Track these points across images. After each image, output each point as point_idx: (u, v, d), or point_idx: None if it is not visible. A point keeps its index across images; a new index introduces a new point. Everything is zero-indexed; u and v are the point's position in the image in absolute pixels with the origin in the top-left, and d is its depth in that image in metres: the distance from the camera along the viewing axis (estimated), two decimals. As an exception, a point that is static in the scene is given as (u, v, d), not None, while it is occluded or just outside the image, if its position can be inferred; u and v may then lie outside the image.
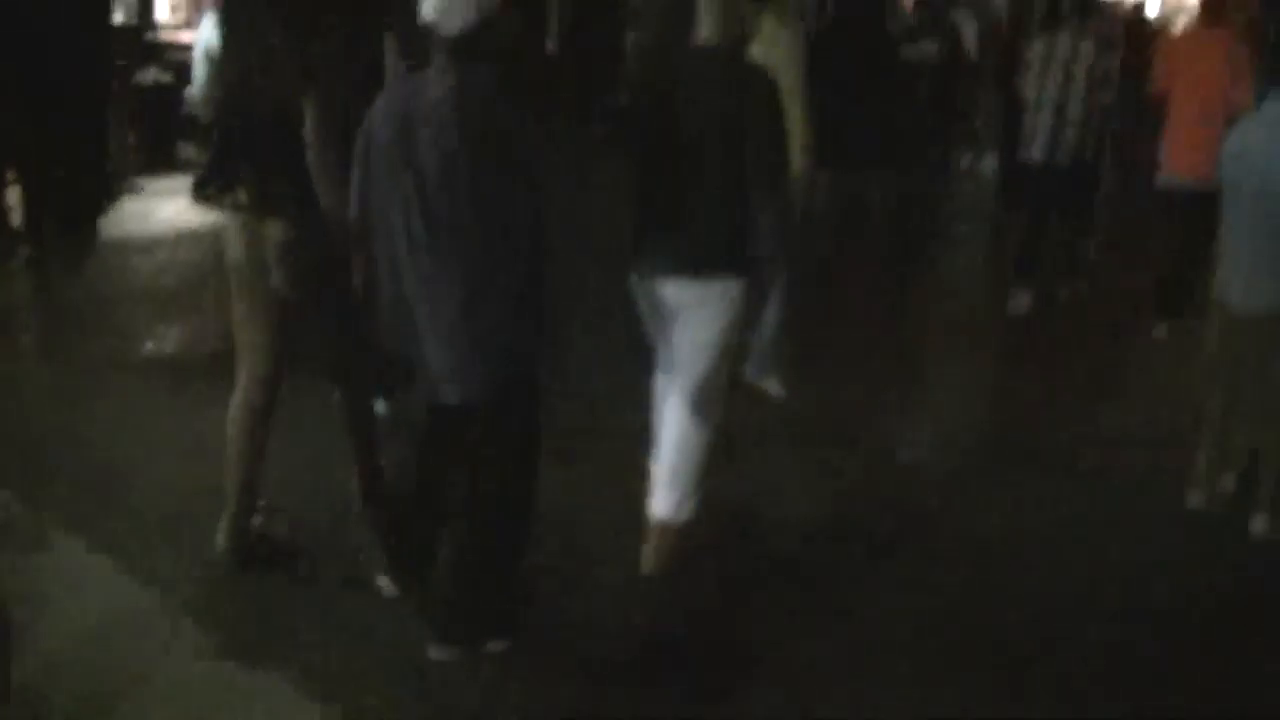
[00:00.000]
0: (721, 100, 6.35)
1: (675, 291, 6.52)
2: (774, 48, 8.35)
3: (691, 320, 6.54)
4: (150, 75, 16.56)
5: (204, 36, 15.37)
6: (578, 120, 15.95)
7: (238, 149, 6.27)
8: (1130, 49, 13.76)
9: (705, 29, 6.51)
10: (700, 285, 6.47)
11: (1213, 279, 8.10)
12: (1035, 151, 12.22)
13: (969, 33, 16.54)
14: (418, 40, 5.54)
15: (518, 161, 5.43)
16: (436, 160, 5.38)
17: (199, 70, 15.38)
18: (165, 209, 15.33)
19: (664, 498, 6.79)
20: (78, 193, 12.98)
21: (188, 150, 17.32)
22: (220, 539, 6.69)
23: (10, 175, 12.95)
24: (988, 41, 17.52)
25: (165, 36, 18.56)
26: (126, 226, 14.40)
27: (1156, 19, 22.64)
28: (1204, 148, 10.40)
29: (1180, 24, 20.57)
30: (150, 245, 13.98)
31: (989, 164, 16.54)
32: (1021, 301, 12.54)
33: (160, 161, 16.69)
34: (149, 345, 10.47)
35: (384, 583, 6.43)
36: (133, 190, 15.92)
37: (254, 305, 6.45)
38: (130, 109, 14.63)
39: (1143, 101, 12.42)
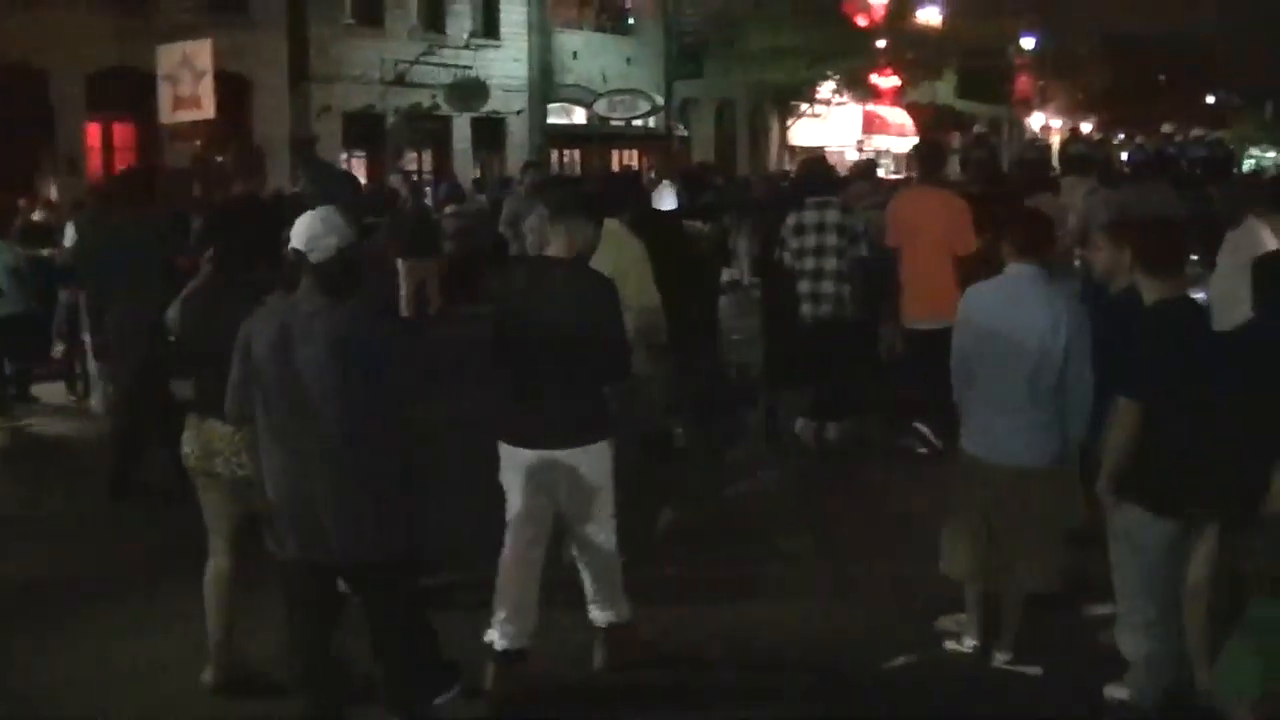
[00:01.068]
0: (574, 302, 7.65)
1: (552, 457, 7.74)
2: (622, 253, 9.30)
3: (578, 477, 7.80)
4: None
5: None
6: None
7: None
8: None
9: (555, 246, 7.95)
10: (574, 451, 7.74)
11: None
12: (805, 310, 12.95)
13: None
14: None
15: (377, 368, 6.34)
16: (308, 366, 6.25)
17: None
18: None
19: (604, 608, 8.10)
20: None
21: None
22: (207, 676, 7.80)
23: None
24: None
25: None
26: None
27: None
28: (939, 293, 11.44)
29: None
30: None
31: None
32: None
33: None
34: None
35: None
36: None
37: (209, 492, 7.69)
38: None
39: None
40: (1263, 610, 5.70)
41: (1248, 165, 68.37)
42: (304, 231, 6.41)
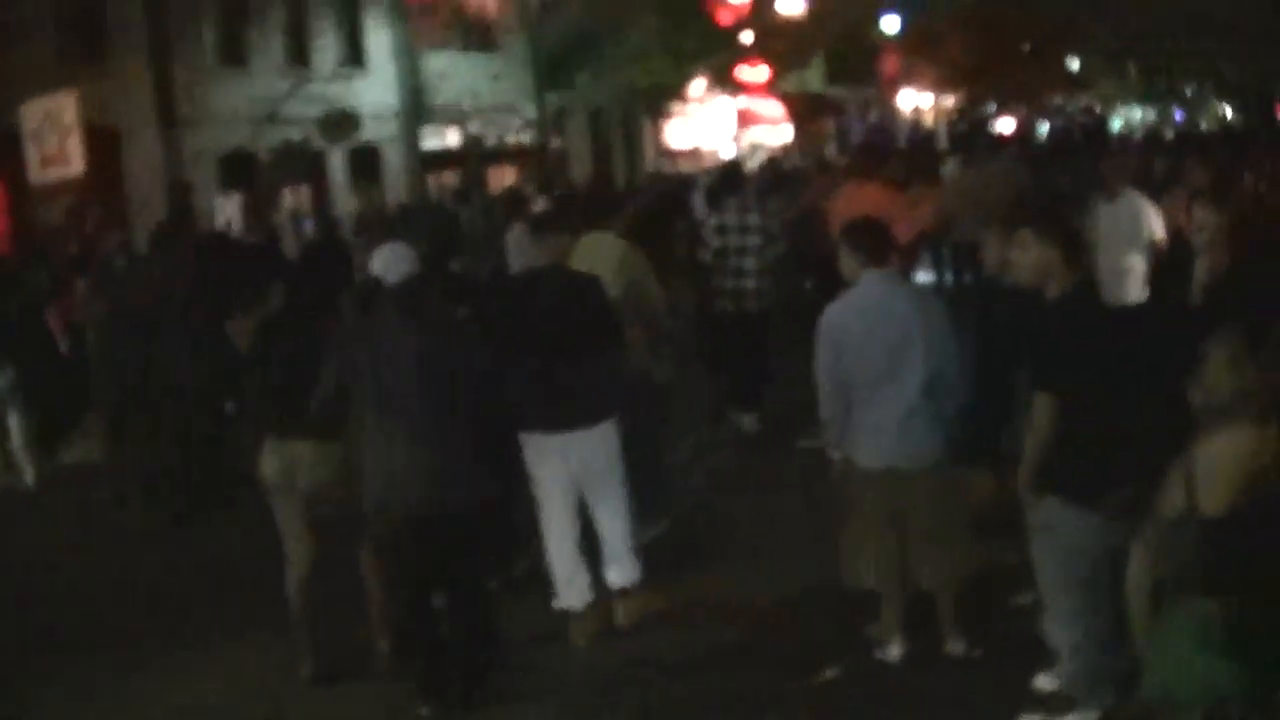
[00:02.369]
0: (571, 297, 9.13)
1: (567, 438, 9.06)
2: (607, 261, 10.30)
3: (593, 452, 9.12)
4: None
5: None
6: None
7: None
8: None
9: (542, 257, 9.44)
10: (585, 431, 9.07)
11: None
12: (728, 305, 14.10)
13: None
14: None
15: (450, 373, 8.09)
16: (395, 372, 7.98)
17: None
18: None
19: (619, 572, 9.36)
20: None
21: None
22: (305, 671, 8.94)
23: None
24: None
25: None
26: None
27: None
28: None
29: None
30: None
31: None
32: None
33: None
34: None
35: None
36: None
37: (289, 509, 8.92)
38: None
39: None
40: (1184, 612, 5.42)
41: (1117, 125, 69.16)
42: (381, 261, 8.22)
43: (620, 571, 9.34)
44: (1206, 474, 5.02)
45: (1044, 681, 7.69)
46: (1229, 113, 77.89)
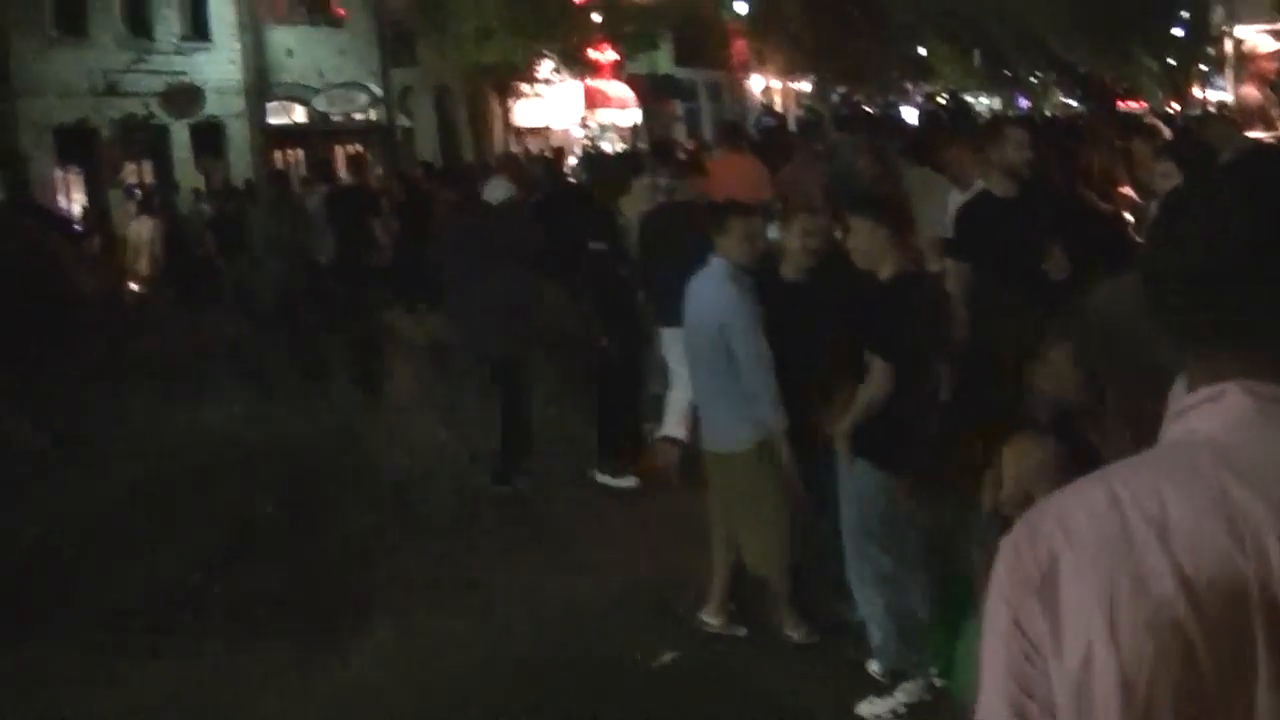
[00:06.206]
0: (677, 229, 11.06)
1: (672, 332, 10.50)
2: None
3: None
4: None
5: None
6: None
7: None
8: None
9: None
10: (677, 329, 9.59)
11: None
12: None
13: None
14: None
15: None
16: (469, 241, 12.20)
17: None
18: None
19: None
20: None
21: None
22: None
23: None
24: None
25: None
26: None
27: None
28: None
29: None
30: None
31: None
32: None
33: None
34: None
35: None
36: None
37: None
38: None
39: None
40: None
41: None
42: (489, 189, 13.26)
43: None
44: (1011, 479, 5.14)
45: (872, 665, 7.70)
46: (1072, 102, 78.94)
